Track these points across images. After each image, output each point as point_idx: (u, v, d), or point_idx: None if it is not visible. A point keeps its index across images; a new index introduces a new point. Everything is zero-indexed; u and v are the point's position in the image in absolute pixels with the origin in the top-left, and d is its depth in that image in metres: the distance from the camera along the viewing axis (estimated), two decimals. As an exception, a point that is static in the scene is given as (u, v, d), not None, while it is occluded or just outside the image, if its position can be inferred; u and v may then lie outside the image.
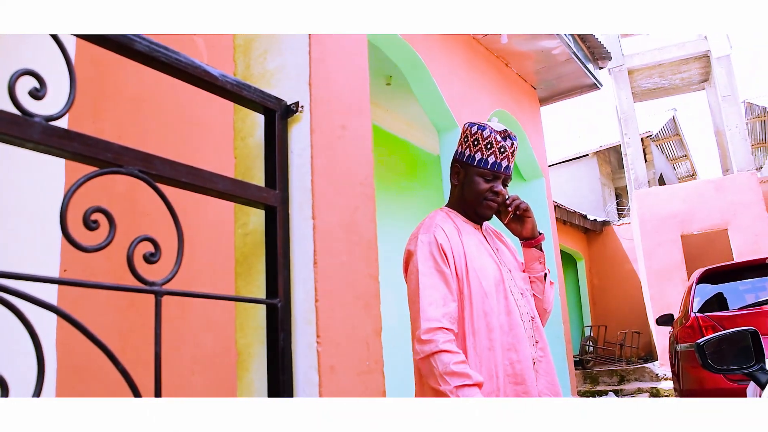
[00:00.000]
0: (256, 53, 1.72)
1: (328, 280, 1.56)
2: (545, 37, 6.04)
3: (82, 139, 1.06)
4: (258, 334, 1.53)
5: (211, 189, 1.29)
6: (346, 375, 1.58)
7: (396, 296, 6.48)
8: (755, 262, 6.33)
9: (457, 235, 2.12)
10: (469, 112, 5.40)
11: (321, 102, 1.65)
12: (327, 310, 1.54)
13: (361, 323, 1.69)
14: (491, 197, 2.17)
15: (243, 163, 1.67)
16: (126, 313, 2.27)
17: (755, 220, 12.43)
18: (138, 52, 1.20)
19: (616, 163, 19.52)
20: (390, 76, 6.16)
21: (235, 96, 1.42)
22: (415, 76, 4.92)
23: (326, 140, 1.65)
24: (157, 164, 1.17)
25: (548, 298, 2.29)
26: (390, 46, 4.66)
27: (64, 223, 1.00)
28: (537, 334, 2.12)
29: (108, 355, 0.99)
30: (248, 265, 1.60)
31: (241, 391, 1.52)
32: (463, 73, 5.47)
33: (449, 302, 1.99)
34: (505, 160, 2.15)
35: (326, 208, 1.60)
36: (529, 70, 6.82)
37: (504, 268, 2.15)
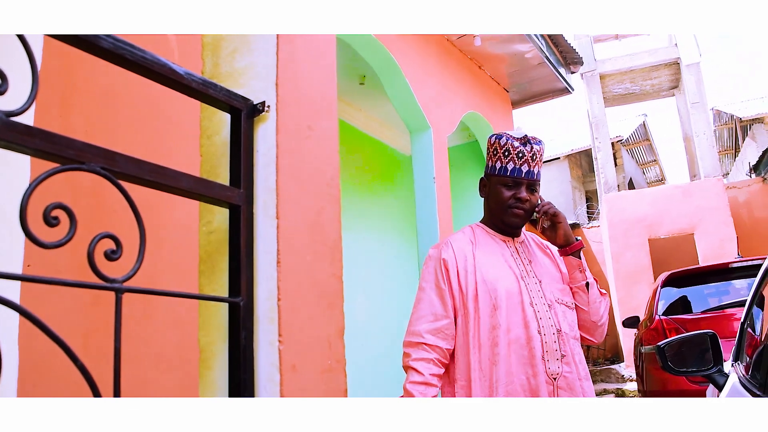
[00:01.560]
0: (224, 52, 1.73)
1: (291, 279, 1.58)
2: (518, 41, 6.09)
3: (44, 135, 1.06)
4: (220, 333, 1.53)
5: (175, 187, 1.29)
6: (308, 374, 1.59)
7: (366, 296, 6.52)
8: (719, 266, 6.45)
9: (471, 249, 2.12)
10: (442, 114, 5.42)
11: (288, 102, 1.65)
12: (289, 309, 1.55)
13: (323, 322, 1.70)
14: (514, 204, 2.13)
15: (208, 161, 1.67)
16: (90, 310, 2.26)
17: (720, 225, 12.70)
18: (103, 50, 1.20)
19: (587, 166, 19.77)
20: (364, 76, 6.17)
21: (200, 94, 1.42)
22: (388, 76, 4.93)
23: (292, 140, 1.66)
24: (120, 162, 1.17)
25: (595, 309, 2.17)
26: (363, 46, 4.66)
27: (24, 219, 0.99)
28: (564, 347, 2.03)
29: (67, 351, 0.99)
30: (212, 263, 1.60)
31: (203, 389, 1.53)
32: (437, 75, 5.50)
33: (441, 318, 2.03)
34: (525, 165, 2.11)
35: (291, 208, 1.61)
36: (502, 73, 6.87)
37: (530, 280, 2.11)
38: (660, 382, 5.74)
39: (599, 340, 2.25)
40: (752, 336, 2.42)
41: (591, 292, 2.16)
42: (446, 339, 2.01)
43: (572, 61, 7.53)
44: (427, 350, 1.98)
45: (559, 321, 2.06)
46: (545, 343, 2.00)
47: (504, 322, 2.00)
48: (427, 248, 4.84)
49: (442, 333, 2.02)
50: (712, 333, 2.57)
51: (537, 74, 7.00)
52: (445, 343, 2.01)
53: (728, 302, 5.80)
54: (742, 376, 2.28)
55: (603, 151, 14.46)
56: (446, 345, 2.01)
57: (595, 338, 2.22)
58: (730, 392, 2.39)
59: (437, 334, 2.01)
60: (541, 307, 2.05)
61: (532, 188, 2.15)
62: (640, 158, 22.12)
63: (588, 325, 2.18)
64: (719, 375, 2.62)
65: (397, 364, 6.53)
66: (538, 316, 2.03)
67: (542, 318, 2.03)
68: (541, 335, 2.01)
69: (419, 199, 5.04)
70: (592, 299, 2.16)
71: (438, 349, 2.00)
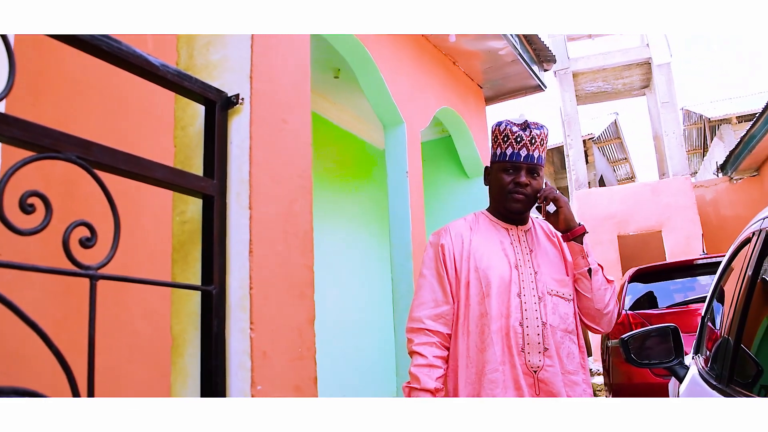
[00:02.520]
0: (199, 44, 1.75)
1: (263, 268, 1.61)
2: (492, 38, 6.15)
3: (20, 123, 1.08)
4: (193, 320, 1.56)
5: (149, 177, 1.31)
6: (279, 361, 1.63)
7: (338, 288, 6.55)
8: (684, 263, 6.59)
9: (468, 235, 2.13)
10: (416, 109, 5.46)
11: (262, 95, 1.68)
12: (261, 298, 1.58)
13: (294, 311, 1.74)
14: (514, 189, 2.10)
15: (182, 152, 1.69)
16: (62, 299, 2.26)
17: (687, 223, 12.96)
18: (79, 40, 1.22)
19: (559, 163, 19.98)
20: (338, 69, 6.18)
21: (175, 86, 1.44)
22: (362, 70, 4.95)
23: (266, 133, 1.69)
24: (95, 151, 1.19)
25: (600, 296, 2.12)
26: (338, 41, 4.68)
27: (0, 207, 1.01)
28: (547, 341, 2.01)
29: (42, 336, 1.01)
30: (185, 252, 1.63)
31: (175, 375, 1.55)
32: (411, 70, 5.53)
33: (441, 304, 2.07)
34: (524, 149, 2.08)
35: (264, 199, 1.64)
36: (476, 70, 6.92)
37: (525, 270, 2.08)
38: (625, 375, 5.85)
39: (606, 329, 2.19)
40: (712, 330, 2.49)
41: (594, 278, 2.11)
42: (447, 324, 2.06)
43: (545, 59, 7.62)
44: (428, 335, 2.02)
45: (546, 314, 2.03)
46: (527, 335, 1.99)
47: (492, 311, 2.00)
48: (399, 241, 4.90)
49: (442, 319, 2.05)
50: (674, 326, 2.64)
51: (510, 71, 7.06)
52: (446, 329, 2.05)
53: (693, 297, 5.93)
54: (702, 368, 2.35)
55: (574, 149, 14.64)
56: (447, 330, 2.05)
57: (601, 327, 2.18)
58: (689, 384, 2.46)
59: (438, 320, 2.05)
60: (530, 299, 2.04)
61: (533, 172, 2.12)
62: (612, 156, 22.40)
63: (593, 313, 2.14)
64: (680, 367, 2.69)
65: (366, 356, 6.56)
66: (523, 308, 2.02)
67: (528, 310, 2.02)
68: (523, 327, 2.00)
69: (392, 192, 5.07)
70: (596, 286, 2.11)
71: (439, 334, 2.04)
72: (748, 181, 13.69)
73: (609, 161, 22.55)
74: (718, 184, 14.18)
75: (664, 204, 13.26)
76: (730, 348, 1.89)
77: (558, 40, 14.96)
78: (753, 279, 1.85)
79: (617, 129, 20.53)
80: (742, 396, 1.69)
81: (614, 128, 20.41)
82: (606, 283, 2.14)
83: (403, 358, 4.49)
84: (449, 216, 7.32)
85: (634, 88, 16.26)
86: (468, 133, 6.72)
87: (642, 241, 14.21)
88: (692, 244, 12.56)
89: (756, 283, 1.84)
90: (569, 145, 14.75)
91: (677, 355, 2.64)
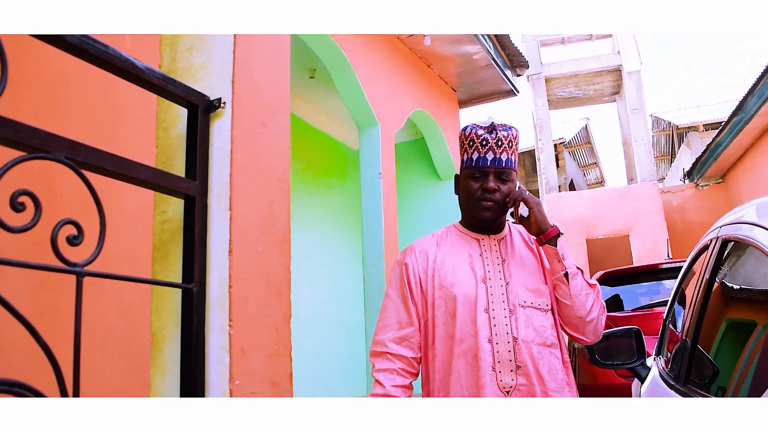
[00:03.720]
0: (182, 47, 1.79)
1: (242, 267, 1.66)
2: (467, 42, 6.24)
3: (11, 124, 1.12)
4: (172, 317, 1.61)
5: (134, 177, 1.36)
6: (256, 357, 1.68)
7: (310, 288, 6.58)
8: (650, 267, 6.71)
9: (434, 251, 1.99)
10: (390, 110, 5.52)
11: (243, 99, 1.73)
12: (240, 296, 1.64)
13: (272, 309, 1.79)
14: (482, 196, 1.94)
15: (164, 152, 1.73)
16: (37, 294, 2.28)
17: (654, 228, 13.22)
18: (68, 44, 1.26)
19: (530, 166, 20.17)
20: (314, 69, 6.21)
21: (160, 90, 1.49)
22: (338, 71, 5.00)
23: (246, 136, 1.74)
24: (83, 151, 1.23)
25: (580, 302, 1.91)
26: (315, 41, 4.72)
27: (-8, 204, 1.05)
28: (520, 358, 1.83)
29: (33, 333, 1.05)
30: (165, 251, 1.67)
31: (155, 370, 1.60)
32: (386, 72, 5.59)
33: (405, 326, 1.92)
34: (490, 152, 1.93)
35: (243, 200, 1.69)
36: (450, 73, 7.01)
37: (495, 282, 1.92)
38: (591, 376, 5.95)
39: (592, 338, 1.96)
40: (673, 332, 2.57)
41: (572, 283, 1.91)
42: (411, 347, 1.91)
43: (519, 64, 7.73)
44: (390, 360, 1.88)
45: (518, 328, 1.86)
46: (497, 353, 1.83)
47: (457, 332, 1.86)
48: (371, 241, 4.95)
49: (407, 342, 1.91)
50: (637, 329, 2.73)
51: (484, 75, 7.17)
52: (410, 352, 1.90)
53: (657, 301, 6.04)
54: (662, 369, 2.43)
55: (546, 153, 14.82)
56: (411, 354, 1.90)
57: (586, 336, 1.95)
58: (650, 384, 2.55)
59: (401, 342, 1.91)
60: (500, 313, 1.87)
61: (502, 177, 1.96)
62: (582, 160, 22.68)
63: (575, 322, 1.93)
64: (642, 368, 2.78)
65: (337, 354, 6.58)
66: (492, 323, 1.86)
67: (497, 325, 1.86)
68: (492, 344, 1.84)
69: (365, 193, 5.14)
70: (575, 291, 1.90)
71: (402, 358, 1.89)
72: (713, 187, 13.99)
73: (579, 165, 22.83)
74: (685, 190, 14.47)
75: (632, 209, 13.51)
76: (688, 349, 1.98)
77: (531, 45, 15.15)
78: (709, 284, 1.94)
79: (588, 134, 20.79)
80: (697, 395, 1.77)
81: (585, 133, 20.66)
82: (587, 288, 1.94)
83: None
84: (421, 217, 7.44)
85: (605, 94, 16.50)
86: (441, 136, 6.80)
87: (610, 245, 14.46)
88: (659, 249, 12.80)
89: (712, 288, 1.92)
90: (541, 149, 14.93)
91: (639, 357, 2.72)
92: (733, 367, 1.64)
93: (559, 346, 1.93)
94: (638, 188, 13.74)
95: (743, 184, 12.48)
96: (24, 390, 1.03)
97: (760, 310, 1.53)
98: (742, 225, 1.71)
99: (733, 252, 1.82)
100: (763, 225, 1.52)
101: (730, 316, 1.84)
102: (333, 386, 6.48)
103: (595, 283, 1.97)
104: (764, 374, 1.26)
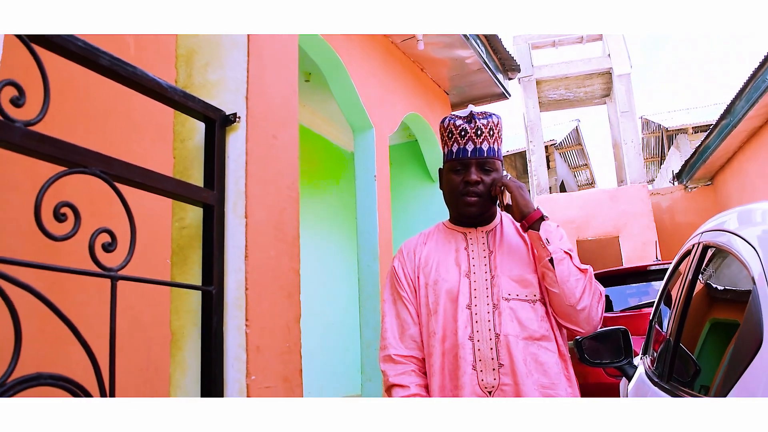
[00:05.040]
0: (198, 64, 1.91)
1: (257, 271, 1.78)
2: (459, 46, 6.33)
3: (54, 142, 1.23)
4: (191, 317, 1.73)
5: (159, 188, 1.47)
6: (270, 354, 1.80)
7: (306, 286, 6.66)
8: (639, 268, 6.83)
9: (421, 249, 1.94)
10: (384, 113, 5.60)
11: (256, 114, 1.85)
12: (255, 298, 1.76)
13: (283, 310, 1.92)
14: (464, 189, 1.85)
15: (181, 163, 1.85)
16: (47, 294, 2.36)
17: (643, 229, 13.37)
18: (102, 66, 1.37)
19: (522, 167, 20.31)
20: (309, 73, 6.28)
21: (181, 106, 1.61)
22: (333, 75, 5.08)
23: (259, 148, 1.86)
24: (115, 166, 1.35)
25: (569, 289, 1.76)
26: (310, 46, 4.78)
27: (39, 215, 1.16)
28: (502, 356, 1.74)
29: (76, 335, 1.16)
30: (183, 255, 1.79)
31: (174, 367, 1.72)
32: (381, 76, 5.67)
33: (409, 326, 1.87)
34: (470, 143, 1.84)
35: (257, 208, 1.81)
36: (443, 76, 7.11)
37: (480, 276, 1.84)
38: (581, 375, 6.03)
39: (586, 327, 1.82)
40: (659, 332, 2.67)
41: (558, 268, 1.76)
42: (419, 348, 1.85)
43: (510, 67, 7.85)
44: (402, 362, 1.83)
45: (501, 323, 1.76)
46: (478, 351, 1.75)
47: (439, 330, 1.80)
48: (366, 244, 5.04)
49: (414, 342, 1.86)
50: (624, 329, 2.84)
51: (476, 79, 7.27)
52: (419, 353, 1.85)
53: (646, 302, 6.16)
54: (648, 367, 2.54)
55: (537, 155, 14.96)
56: (420, 354, 1.85)
57: (580, 326, 1.81)
58: (636, 382, 2.66)
59: (408, 344, 1.86)
60: (482, 308, 1.79)
61: (485, 168, 1.86)
62: (573, 162, 22.84)
63: (566, 311, 1.78)
64: (629, 366, 2.89)
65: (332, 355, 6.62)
66: (474, 319, 1.78)
67: (479, 321, 1.78)
68: (474, 342, 1.76)
69: (360, 195, 5.23)
70: (562, 277, 1.75)
71: (413, 359, 1.85)
72: (702, 189, 14.15)
73: (570, 167, 22.98)
74: (674, 192, 14.63)
75: (622, 210, 13.66)
76: (671, 348, 2.08)
77: (523, 48, 15.30)
78: (691, 287, 2.05)
79: (579, 135, 20.95)
80: (680, 391, 1.87)
81: (576, 135, 20.82)
82: (577, 273, 1.78)
83: (368, 357, 4.63)
84: (415, 218, 7.55)
85: (595, 96, 16.66)
86: (434, 138, 6.90)
87: (600, 246, 14.59)
88: (648, 250, 12.96)
89: (694, 291, 2.03)
90: (532, 150, 15.07)
91: (626, 356, 2.83)
92: (709, 363, 1.74)
93: (554, 338, 1.82)
94: (628, 190, 13.90)
95: (732, 186, 12.64)
96: (69, 384, 1.14)
97: (738, 312, 1.61)
98: (722, 233, 1.79)
99: (713, 258, 1.91)
100: (740, 234, 1.60)
101: (711, 317, 1.94)
102: (327, 386, 6.56)
103: (587, 268, 1.82)
104: (732, 371, 1.36)
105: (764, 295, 1.27)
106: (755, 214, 1.62)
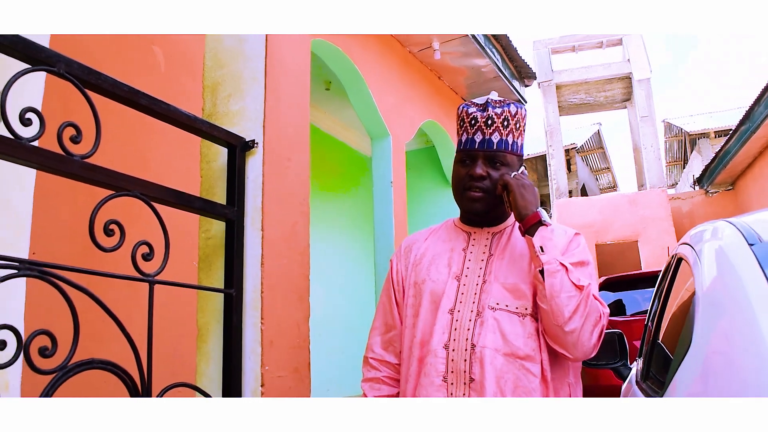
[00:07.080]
0: (222, 95, 2.19)
1: (271, 276, 2.07)
2: (475, 55, 6.48)
3: (103, 171, 1.50)
4: (215, 315, 2.02)
5: (189, 206, 1.75)
6: (282, 348, 2.09)
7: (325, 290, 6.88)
8: (652, 273, 6.91)
9: (420, 245, 1.82)
10: (401, 122, 5.79)
11: (272, 140, 2.13)
12: (269, 300, 2.05)
13: (294, 310, 2.20)
14: (468, 184, 1.68)
15: (207, 181, 2.14)
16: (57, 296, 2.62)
17: (662, 234, 13.42)
18: (142, 105, 1.64)
19: (542, 171, 20.38)
20: (329, 82, 6.47)
21: (207, 135, 1.89)
22: (351, 85, 5.27)
23: (275, 170, 2.14)
24: (152, 189, 1.62)
25: (555, 306, 1.51)
26: (329, 56, 5.00)
27: (93, 230, 1.43)
28: (474, 369, 1.54)
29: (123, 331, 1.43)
30: (209, 262, 2.08)
31: (200, 358, 2.01)
32: (397, 85, 5.85)
33: (390, 329, 1.78)
34: (479, 133, 1.65)
35: (272, 223, 2.10)
36: (459, 84, 7.24)
37: (471, 280, 1.66)
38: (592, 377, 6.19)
39: (575, 354, 1.54)
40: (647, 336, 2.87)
41: (548, 281, 1.52)
42: (394, 351, 1.77)
43: (526, 75, 8.00)
44: (376, 368, 1.77)
45: (480, 333, 1.57)
46: (451, 361, 1.57)
47: (419, 334, 1.66)
48: (383, 247, 5.21)
49: (392, 346, 1.77)
50: (620, 332, 3.02)
51: (492, 86, 7.38)
52: (395, 358, 1.76)
53: (659, 306, 6.26)
54: (639, 369, 2.74)
55: (556, 159, 15.07)
56: (397, 360, 1.76)
57: (567, 350, 1.54)
58: (628, 383, 2.86)
59: (387, 348, 1.78)
60: (465, 315, 1.61)
61: (494, 161, 1.67)
62: (594, 165, 22.86)
63: (554, 331, 1.53)
64: (624, 368, 3.08)
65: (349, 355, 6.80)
66: (452, 326, 1.61)
67: (458, 329, 1.60)
68: (448, 350, 1.59)
69: (377, 201, 5.40)
70: (551, 292, 1.52)
71: (388, 365, 1.77)
72: (723, 194, 14.14)
73: (591, 170, 23.00)
74: (695, 196, 14.64)
75: (641, 215, 13.72)
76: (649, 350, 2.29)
77: (543, 52, 15.43)
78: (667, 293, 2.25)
79: (600, 139, 20.98)
80: (651, 391, 2.04)
81: (597, 138, 20.85)
82: (571, 290, 1.52)
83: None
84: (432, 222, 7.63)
85: (615, 101, 16.72)
86: (451, 144, 7.04)
87: (619, 250, 14.67)
88: (666, 255, 13.00)
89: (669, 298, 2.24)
90: (551, 155, 15.17)
91: (621, 358, 3.02)
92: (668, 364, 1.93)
93: (539, 360, 1.57)
94: (647, 195, 13.96)
95: (753, 191, 12.63)
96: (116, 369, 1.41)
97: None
98: (685, 245, 1.96)
99: (682, 268, 2.09)
100: (694, 247, 1.76)
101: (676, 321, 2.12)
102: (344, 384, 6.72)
103: (585, 285, 1.54)
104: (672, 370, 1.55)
105: (698, 301, 1.48)
106: (708, 232, 1.78)
